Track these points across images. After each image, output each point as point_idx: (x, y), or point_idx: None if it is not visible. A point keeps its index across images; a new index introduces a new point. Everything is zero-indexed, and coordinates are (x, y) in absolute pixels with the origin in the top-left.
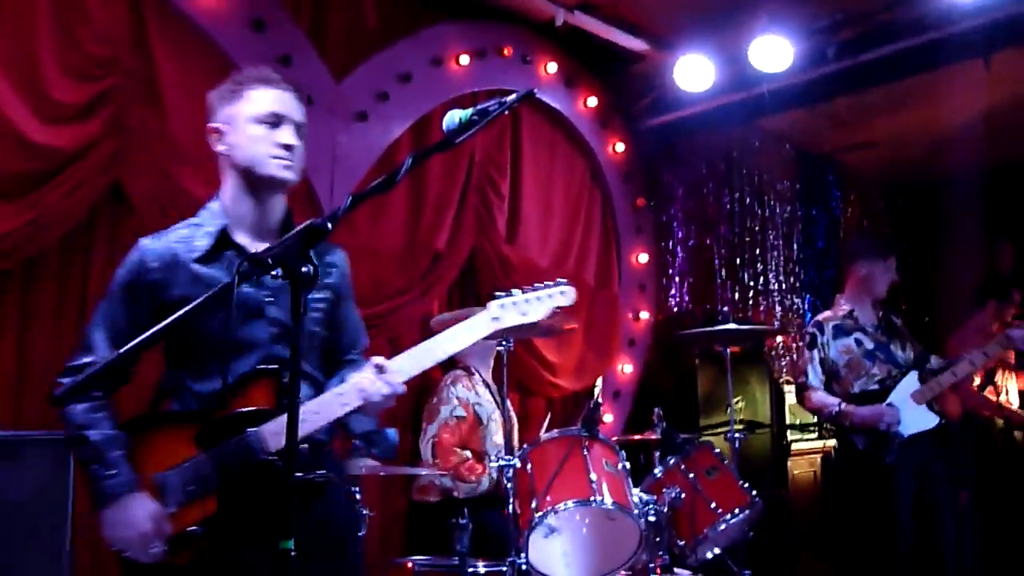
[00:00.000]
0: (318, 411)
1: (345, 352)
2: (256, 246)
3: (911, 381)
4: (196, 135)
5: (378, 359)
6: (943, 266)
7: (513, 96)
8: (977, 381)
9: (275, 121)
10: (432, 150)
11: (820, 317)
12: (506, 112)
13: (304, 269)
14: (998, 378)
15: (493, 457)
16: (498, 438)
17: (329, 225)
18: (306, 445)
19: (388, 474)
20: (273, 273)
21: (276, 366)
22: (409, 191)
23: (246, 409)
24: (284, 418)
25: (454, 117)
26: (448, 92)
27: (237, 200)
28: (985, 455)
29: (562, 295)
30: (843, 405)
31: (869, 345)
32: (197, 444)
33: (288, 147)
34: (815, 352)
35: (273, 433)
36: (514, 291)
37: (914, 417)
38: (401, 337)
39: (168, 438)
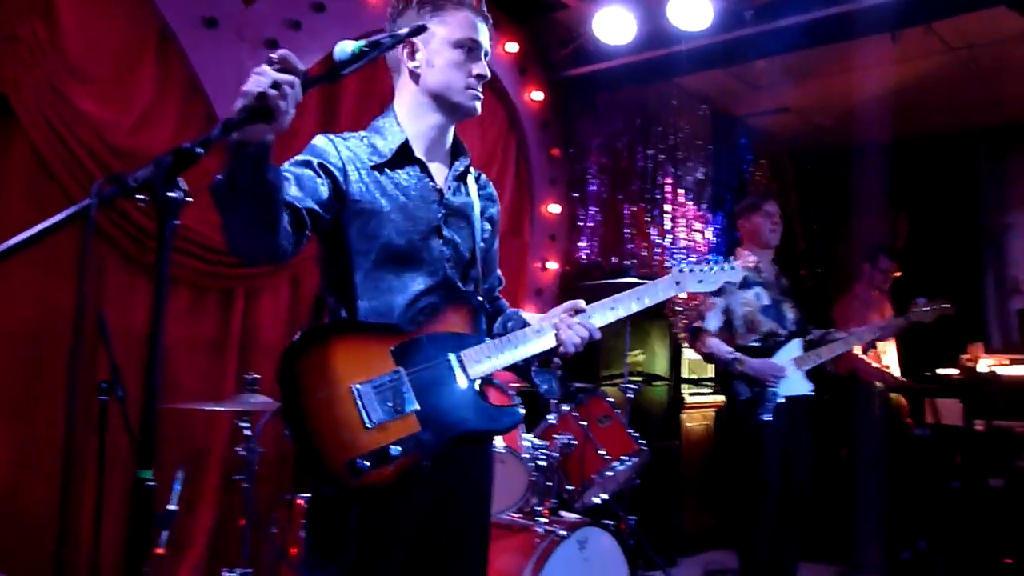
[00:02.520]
0: (516, 346)
1: (491, 291)
2: (432, 165)
3: (795, 346)
4: (90, 50)
5: (579, 302)
6: (846, 234)
7: (405, 30)
8: (858, 349)
9: (473, 48)
10: (318, 80)
11: None
12: (399, 45)
13: (172, 195)
14: (879, 343)
15: None
16: None
17: (200, 150)
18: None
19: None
20: (139, 197)
21: (471, 291)
22: (318, 129)
23: (450, 332)
24: (485, 346)
25: (345, 48)
26: (363, 25)
27: (417, 118)
28: (865, 415)
29: (732, 270)
30: (738, 353)
31: (766, 300)
32: (395, 361)
33: (482, 77)
34: (720, 299)
35: (473, 360)
36: (691, 262)
37: (792, 381)
38: (305, 274)
39: (361, 347)
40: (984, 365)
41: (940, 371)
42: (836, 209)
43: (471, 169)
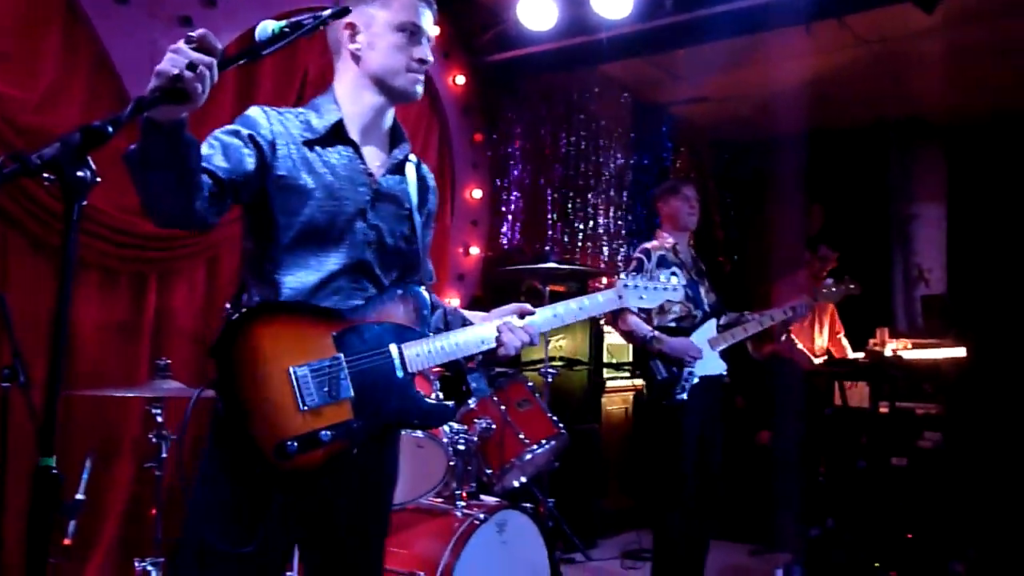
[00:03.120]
0: (457, 343)
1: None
2: (366, 148)
3: (710, 327)
4: None
5: (526, 306)
6: (763, 223)
7: (328, 11)
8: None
9: (415, 32)
10: (236, 59)
11: (648, 245)
12: (321, 27)
13: (80, 174)
14: (803, 325)
15: None
16: None
17: (110, 128)
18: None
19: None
20: (45, 176)
21: (422, 284)
22: (233, 108)
23: (394, 323)
24: (427, 340)
25: (266, 28)
26: (281, 4)
27: (355, 99)
28: (786, 397)
29: (674, 290)
30: (656, 332)
31: (683, 281)
32: (336, 345)
33: (424, 62)
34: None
35: (413, 353)
36: (631, 275)
37: (707, 361)
38: (222, 258)
39: (303, 330)
40: (889, 349)
41: (850, 354)
42: (753, 198)
43: (412, 157)
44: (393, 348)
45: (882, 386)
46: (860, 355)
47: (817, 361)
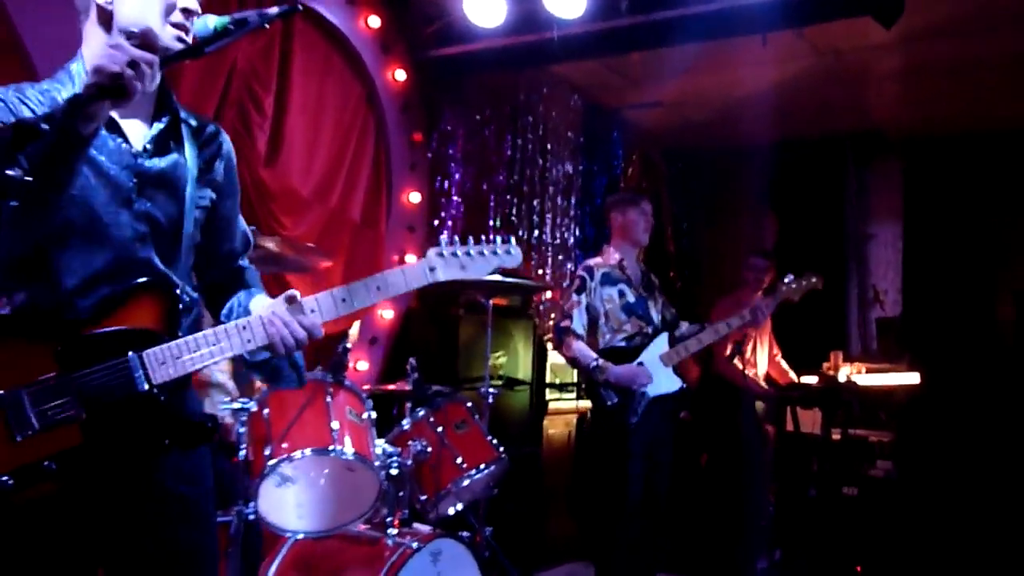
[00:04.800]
0: (213, 344)
1: (227, 261)
2: (127, 123)
3: (661, 342)
4: None
5: (293, 292)
6: (716, 236)
7: (276, 9)
8: (728, 350)
9: None
10: (178, 56)
11: (591, 262)
12: (266, 26)
13: (11, 172)
14: (748, 349)
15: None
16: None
17: (44, 126)
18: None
19: None
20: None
21: (167, 279)
22: None
23: (136, 327)
24: (175, 345)
25: (207, 23)
26: None
27: None
28: (726, 421)
29: (508, 255)
30: (600, 361)
31: (631, 298)
32: (59, 364)
33: (189, 14)
34: (583, 297)
35: (160, 362)
36: (456, 243)
37: (660, 379)
38: None
39: (15, 349)
40: (843, 374)
41: (802, 378)
42: (706, 208)
43: (193, 121)
44: (133, 358)
45: (835, 412)
46: (813, 379)
47: (765, 386)
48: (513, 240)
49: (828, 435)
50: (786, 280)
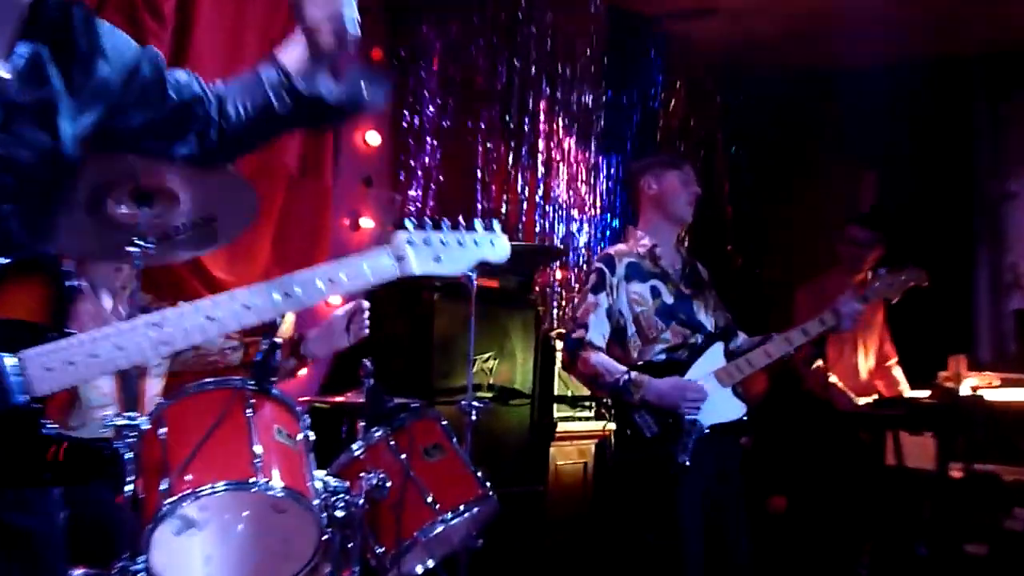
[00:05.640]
0: (97, 355)
1: None
2: None
3: (715, 355)
4: None
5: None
6: (792, 195)
7: None
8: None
9: None
10: None
11: (612, 250)
12: None
13: None
14: (844, 352)
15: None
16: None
17: None
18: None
19: None
20: None
21: (56, 257)
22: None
23: (15, 320)
24: (63, 345)
25: None
26: None
27: None
28: (813, 450)
29: (492, 247)
30: (634, 374)
31: (668, 299)
32: None
33: None
34: (602, 297)
35: (42, 367)
36: (428, 226)
37: (716, 403)
38: None
39: None
40: (967, 386)
41: (910, 393)
42: (780, 160)
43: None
44: (7, 362)
45: (955, 439)
46: (924, 394)
47: (861, 401)
48: (498, 226)
49: (945, 471)
50: (879, 273)
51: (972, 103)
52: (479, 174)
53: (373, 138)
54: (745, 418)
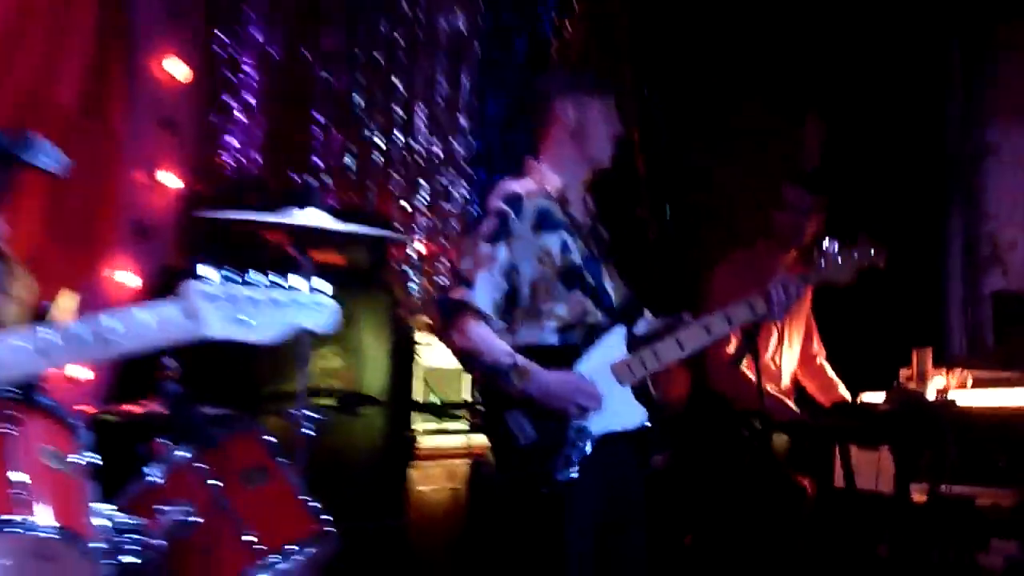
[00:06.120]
0: None
1: None
2: None
3: (615, 343)
4: None
5: None
6: (718, 148)
7: None
8: (731, 349)
9: None
10: None
11: (517, 186)
12: None
13: None
14: (769, 347)
15: None
16: None
17: None
18: None
19: None
20: None
21: None
22: None
23: None
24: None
25: None
26: None
27: None
28: (729, 469)
29: (316, 312)
30: (520, 358)
31: (576, 258)
32: None
33: None
34: (500, 249)
35: None
36: (225, 274)
37: (613, 405)
38: None
39: None
40: (933, 388)
41: (862, 396)
42: (704, 104)
43: None
44: None
45: (918, 455)
46: (879, 398)
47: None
48: (327, 287)
49: (905, 494)
50: (826, 249)
51: (945, 38)
52: (316, 120)
53: (177, 68)
54: (649, 425)
